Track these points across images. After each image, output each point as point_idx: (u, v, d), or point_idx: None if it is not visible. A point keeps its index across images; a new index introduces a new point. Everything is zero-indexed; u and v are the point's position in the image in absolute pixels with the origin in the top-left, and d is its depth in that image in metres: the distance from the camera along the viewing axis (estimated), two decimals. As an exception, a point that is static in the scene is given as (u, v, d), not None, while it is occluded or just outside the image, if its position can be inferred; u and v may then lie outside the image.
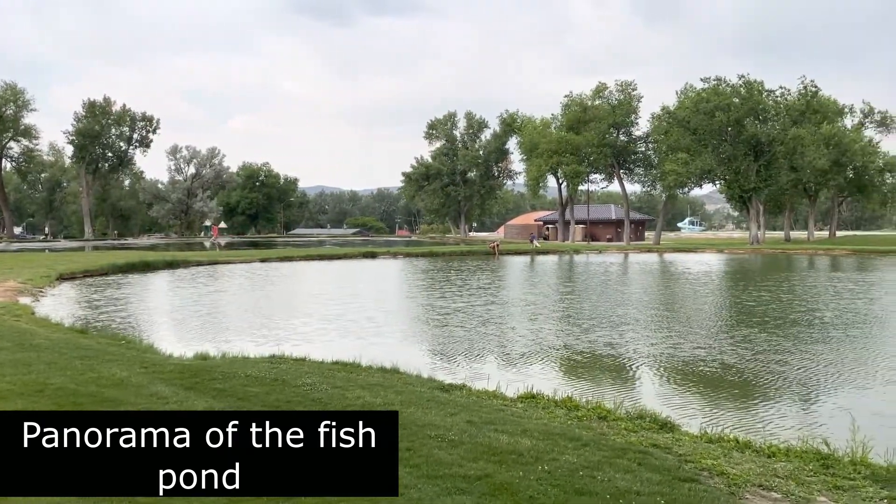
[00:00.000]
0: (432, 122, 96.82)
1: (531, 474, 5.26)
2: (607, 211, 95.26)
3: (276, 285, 29.22)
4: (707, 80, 67.08)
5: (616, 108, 73.62)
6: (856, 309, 20.15)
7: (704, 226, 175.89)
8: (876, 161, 75.62)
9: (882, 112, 78.10)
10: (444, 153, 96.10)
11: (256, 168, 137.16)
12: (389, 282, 32.41)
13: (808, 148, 62.67)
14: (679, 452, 6.21)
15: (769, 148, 64.23)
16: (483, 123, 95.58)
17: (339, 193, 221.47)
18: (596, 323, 17.33)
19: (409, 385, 8.95)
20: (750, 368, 11.85)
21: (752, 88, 65.25)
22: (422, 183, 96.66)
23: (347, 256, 48.24)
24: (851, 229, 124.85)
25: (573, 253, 57.21)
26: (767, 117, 66.30)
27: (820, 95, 70.13)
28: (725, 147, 65.50)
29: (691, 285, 30.16)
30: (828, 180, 71.90)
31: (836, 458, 6.30)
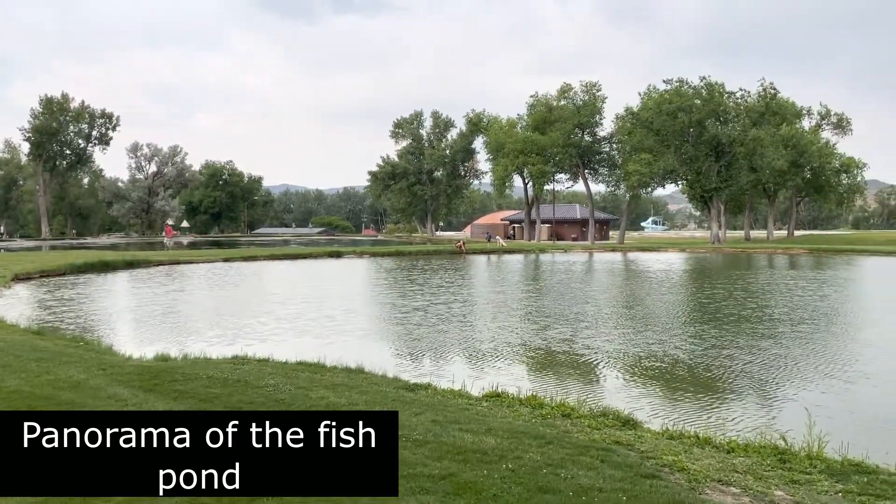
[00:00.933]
0: (398, 121, 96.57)
1: (495, 473, 5.27)
2: (572, 210, 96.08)
3: (239, 285, 28.86)
4: (669, 82, 68.21)
5: (581, 108, 74.25)
6: (809, 306, 20.64)
7: (667, 225, 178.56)
8: (832, 162, 77.51)
9: (838, 114, 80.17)
10: (411, 152, 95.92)
11: (220, 166, 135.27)
12: (355, 281, 32.25)
13: (767, 149, 64.01)
14: (641, 449, 6.29)
15: (730, 149, 65.46)
16: (449, 123, 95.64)
17: (304, 192, 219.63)
18: (560, 321, 17.48)
19: (375, 385, 8.91)
20: (709, 365, 12.06)
21: (712, 90, 66.47)
22: (388, 182, 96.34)
23: (312, 256, 47.86)
24: (809, 229, 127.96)
25: (539, 252, 57.59)
26: (728, 119, 67.56)
27: (779, 97, 71.78)
28: (687, 148, 66.60)
29: (653, 284, 30.58)
30: (786, 181, 73.51)
31: (793, 452, 6.44)
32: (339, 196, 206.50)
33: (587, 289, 27.17)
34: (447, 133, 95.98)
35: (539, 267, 41.49)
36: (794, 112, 75.25)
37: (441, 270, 36.53)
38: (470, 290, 26.48)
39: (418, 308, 20.25)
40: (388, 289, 27.62)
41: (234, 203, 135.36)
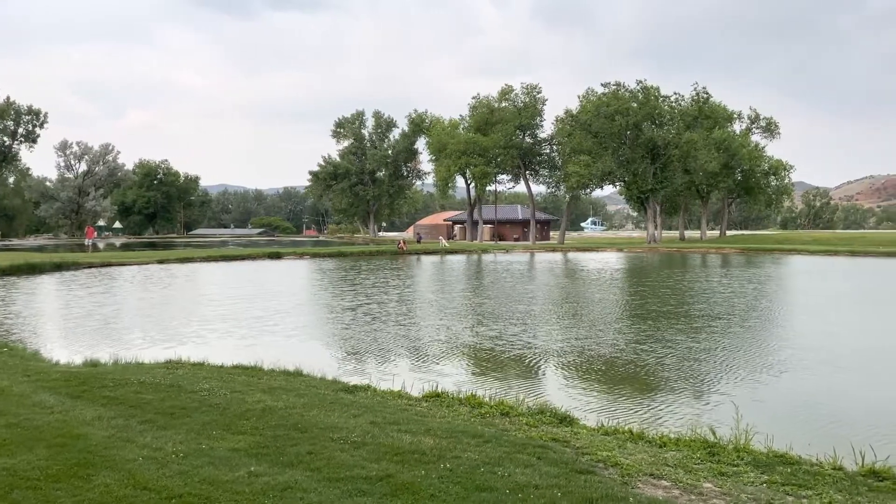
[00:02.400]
0: (340, 121, 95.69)
1: (433, 473, 5.28)
2: (514, 211, 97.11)
3: (174, 287, 28.10)
4: (607, 85, 69.63)
5: (522, 110, 75.09)
6: (739, 303, 21.39)
7: (606, 226, 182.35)
8: (761, 165, 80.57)
9: (767, 118, 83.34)
10: (353, 152, 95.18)
11: (154, 165, 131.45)
12: (295, 282, 31.80)
13: (700, 151, 66.05)
14: (577, 445, 6.39)
15: (665, 151, 67.27)
16: (391, 123, 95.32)
17: (243, 192, 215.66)
18: (500, 320, 17.62)
19: (313, 387, 8.80)
20: (644, 361, 12.35)
21: (648, 94, 68.19)
22: (329, 182, 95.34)
23: (251, 257, 46.99)
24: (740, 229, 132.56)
25: (481, 252, 57.97)
26: (663, 122, 69.41)
27: (711, 101, 74.17)
28: (625, 150, 68.14)
29: (590, 283, 31.14)
30: (718, 182, 76.00)
31: (722, 445, 6.65)
32: (280, 196, 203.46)
33: (527, 288, 27.50)
34: (389, 133, 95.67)
35: (481, 267, 41.77)
36: (725, 116, 77.86)
37: (383, 271, 36.39)
38: (411, 291, 26.46)
39: (357, 308, 20.12)
40: (328, 290, 27.34)
41: (169, 203, 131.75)
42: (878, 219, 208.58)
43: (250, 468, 5.34)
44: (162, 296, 24.66)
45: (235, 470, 5.31)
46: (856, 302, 22.83)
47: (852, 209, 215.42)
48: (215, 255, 47.51)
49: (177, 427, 6.57)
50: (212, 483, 5.03)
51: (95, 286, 27.65)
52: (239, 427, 6.58)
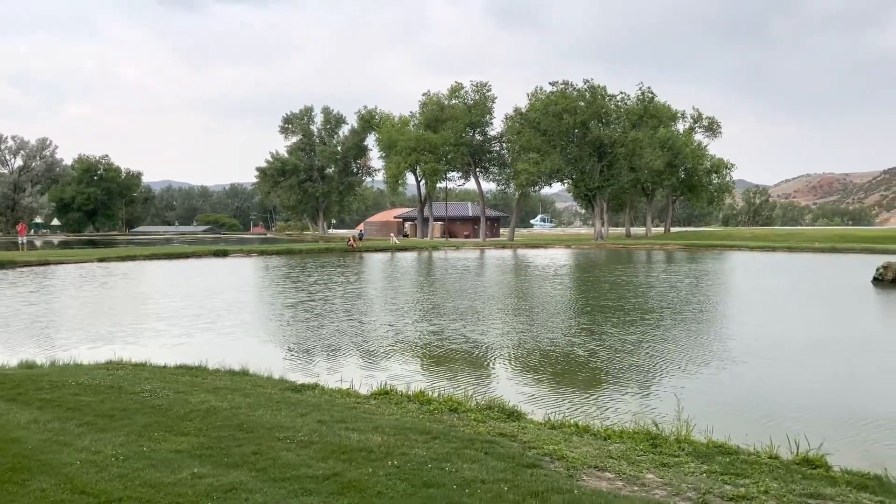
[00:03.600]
0: (288, 116, 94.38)
1: (380, 470, 5.27)
2: (464, 208, 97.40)
3: (115, 286, 27.32)
4: (556, 84, 70.46)
5: (472, 107, 75.34)
6: (683, 298, 21.95)
7: (555, 223, 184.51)
8: (704, 163, 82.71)
9: (709, 118, 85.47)
10: (301, 148, 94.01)
11: (94, 161, 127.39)
12: (242, 280, 31.27)
13: (645, 150, 67.44)
14: (524, 440, 6.46)
15: (611, 149, 68.46)
16: (341, 119, 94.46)
17: (188, 189, 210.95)
18: (449, 316, 17.69)
19: (259, 387, 8.68)
20: (592, 355, 12.56)
21: (595, 93, 69.27)
22: (278, 179, 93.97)
23: (197, 255, 46.02)
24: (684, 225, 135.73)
25: (431, 249, 58.02)
26: (610, 120, 70.62)
27: (656, 101, 75.78)
28: (572, 148, 69.08)
29: (539, 279, 31.51)
30: (663, 180, 77.70)
31: (664, 437, 6.81)
32: (226, 193, 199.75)
33: (477, 284, 27.66)
34: (339, 129, 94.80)
35: (431, 264, 41.81)
36: (669, 115, 79.63)
37: (332, 268, 36.10)
38: (360, 288, 26.32)
39: (305, 306, 19.92)
40: (275, 287, 26.97)
41: (110, 200, 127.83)
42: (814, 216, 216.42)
43: (193, 470, 5.24)
44: (103, 295, 23.95)
45: (178, 472, 5.20)
46: (791, 296, 23.66)
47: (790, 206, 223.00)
48: (159, 252, 46.38)
49: (117, 429, 6.40)
50: (153, 486, 4.92)
51: (32, 285, 26.69)
52: (182, 428, 6.45)
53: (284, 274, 33.08)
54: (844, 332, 15.98)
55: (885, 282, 25.71)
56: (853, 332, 15.98)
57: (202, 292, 24.86)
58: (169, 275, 33.40)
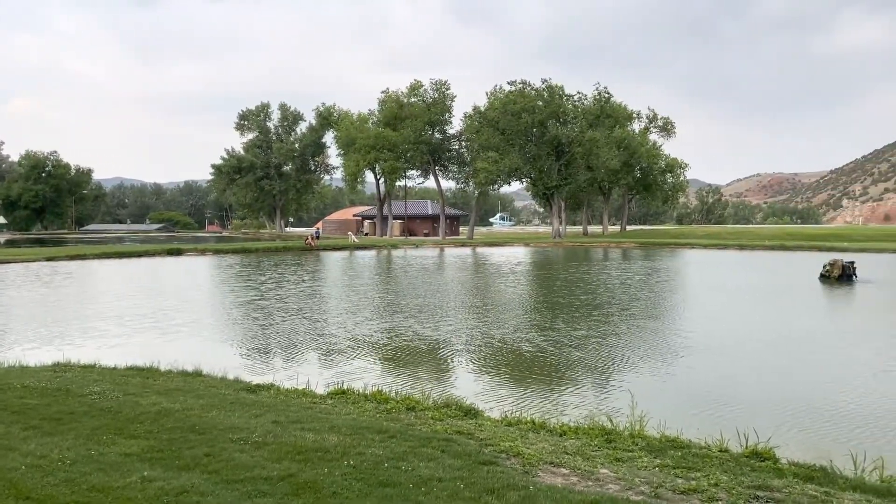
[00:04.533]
0: (244, 113, 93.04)
1: (336, 470, 5.23)
2: (424, 206, 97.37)
3: (63, 286, 26.56)
4: (514, 83, 70.94)
5: (431, 106, 75.35)
6: (638, 295, 22.32)
7: (514, 221, 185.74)
8: (659, 163, 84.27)
9: (664, 118, 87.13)
10: (258, 145, 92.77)
11: (42, 157, 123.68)
12: (196, 280, 30.72)
13: (602, 149, 68.35)
14: (480, 437, 6.48)
15: (569, 149, 69.20)
16: (298, 116, 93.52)
17: (140, 186, 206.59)
18: (407, 314, 17.66)
19: (213, 387, 8.53)
20: (547, 352, 12.67)
21: (553, 93, 69.94)
22: (233, 176, 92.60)
23: (149, 254, 45.06)
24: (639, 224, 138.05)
25: (391, 248, 57.85)
26: (567, 120, 71.35)
27: (612, 101, 76.84)
28: (531, 147, 69.63)
29: (497, 277, 31.69)
30: (619, 179, 78.91)
31: (618, 432, 6.91)
32: (180, 190, 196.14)
33: (434, 283, 27.68)
34: (296, 126, 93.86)
35: (390, 262, 41.69)
36: (625, 115, 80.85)
37: (289, 267, 35.72)
38: (318, 287, 26.10)
39: (260, 306, 19.67)
40: (230, 287, 26.55)
41: (59, 197, 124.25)
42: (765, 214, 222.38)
43: (143, 473, 5.12)
44: (51, 295, 23.25)
45: (127, 476, 5.08)
46: (741, 293, 24.24)
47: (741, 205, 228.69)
48: (110, 251, 45.27)
49: (64, 433, 6.22)
50: (101, 490, 4.80)
51: (-25, 286, 25.77)
52: (132, 431, 6.30)
53: (239, 273, 32.60)
54: (792, 327, 16.44)
55: (832, 279, 26.52)
56: (800, 327, 16.45)
57: (155, 291, 24.34)
58: (120, 274, 32.61)
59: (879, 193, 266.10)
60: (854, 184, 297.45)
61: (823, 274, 27.13)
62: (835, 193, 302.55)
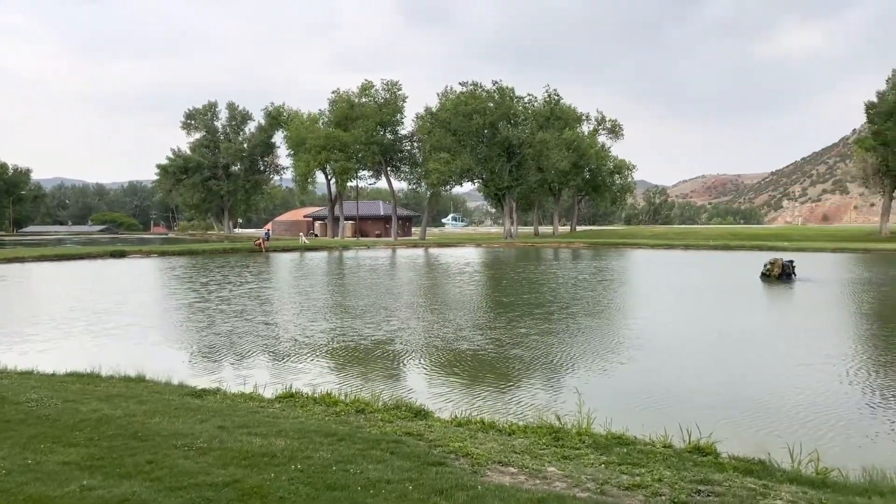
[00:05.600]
0: (190, 112, 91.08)
1: (283, 475, 5.16)
2: (376, 207, 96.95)
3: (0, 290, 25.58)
4: (465, 84, 71.26)
5: (382, 106, 75.08)
6: (583, 295, 22.66)
7: (466, 222, 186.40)
8: (607, 164, 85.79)
9: (612, 120, 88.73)
10: (205, 145, 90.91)
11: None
12: (140, 282, 29.96)
13: (552, 151, 69.20)
14: (430, 438, 6.49)
15: (520, 150, 69.86)
16: (247, 115, 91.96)
17: (82, 186, 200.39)
18: (357, 316, 17.56)
19: (157, 393, 8.34)
20: (497, 352, 12.76)
21: (504, 94, 70.52)
22: (180, 176, 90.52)
23: (91, 256, 43.76)
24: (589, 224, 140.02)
25: (342, 249, 57.43)
26: (518, 122, 72.03)
27: (561, 103, 77.83)
28: (482, 148, 70.05)
29: (448, 277, 31.79)
30: (569, 180, 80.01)
31: (566, 430, 7.01)
32: (124, 191, 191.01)
33: (385, 283, 27.60)
34: (245, 126, 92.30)
35: (341, 264, 41.39)
36: (574, 117, 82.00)
37: (237, 269, 35.13)
38: (266, 289, 25.73)
39: (207, 309, 19.30)
40: (175, 289, 25.97)
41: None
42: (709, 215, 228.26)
43: (83, 482, 4.97)
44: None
45: (66, 485, 4.92)
46: (685, 292, 24.85)
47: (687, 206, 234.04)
48: (49, 254, 43.80)
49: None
50: (38, 500, 4.64)
51: None
52: (71, 439, 6.11)
53: (185, 275, 31.92)
54: (733, 325, 16.92)
55: (772, 277, 27.39)
56: (740, 325, 16.93)
57: (96, 295, 23.65)
58: (60, 277, 31.58)
59: (818, 194, 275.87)
60: (794, 185, 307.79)
61: (764, 273, 27.98)
62: (775, 194, 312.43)
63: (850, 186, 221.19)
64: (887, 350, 13.36)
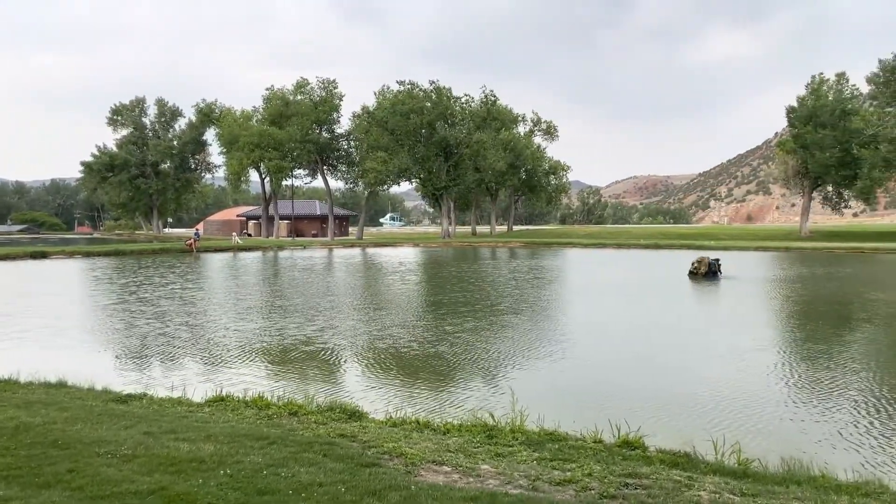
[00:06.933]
0: (117, 108, 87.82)
1: (211, 480, 5.04)
2: (312, 206, 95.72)
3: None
4: (403, 84, 71.10)
5: (318, 104, 74.17)
6: (518, 294, 22.94)
7: (404, 221, 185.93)
8: (543, 165, 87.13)
9: (547, 122, 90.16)
10: (132, 142, 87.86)
11: None
12: (62, 284, 28.76)
13: (489, 151, 69.80)
14: (364, 439, 6.45)
15: (457, 150, 70.19)
16: (177, 112, 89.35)
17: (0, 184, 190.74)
18: (293, 316, 17.31)
19: (79, 399, 8.02)
20: (436, 352, 12.77)
21: (441, 94, 70.68)
22: (105, 174, 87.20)
23: (10, 257, 41.75)
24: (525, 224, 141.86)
25: (277, 249, 56.48)
26: (455, 122, 72.35)
27: (498, 104, 78.55)
28: (420, 148, 70.05)
29: (381, 276, 31.68)
30: (505, 181, 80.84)
31: (499, 428, 7.08)
32: (46, 189, 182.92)
33: (319, 283, 27.29)
34: (174, 123, 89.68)
35: (276, 264, 40.70)
36: (510, 118, 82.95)
37: (166, 270, 34.13)
38: (195, 290, 25.08)
39: (134, 311, 18.68)
40: (100, 291, 25.01)
41: None
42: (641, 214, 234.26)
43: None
44: None
45: (-22, 498, 4.68)
46: (616, 289, 25.45)
47: (620, 206, 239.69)
48: (-36, 255, 41.56)
49: None
50: (-54, 516, 4.40)
51: None
52: (-15, 449, 5.81)
53: (112, 277, 30.81)
54: (662, 321, 17.44)
55: (699, 275, 28.33)
56: (669, 321, 17.47)
57: (14, 297, 22.57)
58: (-24, 279, 30.00)
59: (743, 195, 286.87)
60: (720, 186, 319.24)
61: (692, 271, 28.92)
62: (703, 195, 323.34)
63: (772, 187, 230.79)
64: (805, 343, 14.01)
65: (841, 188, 67.97)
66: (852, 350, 13.28)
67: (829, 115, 64.55)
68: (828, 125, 64.13)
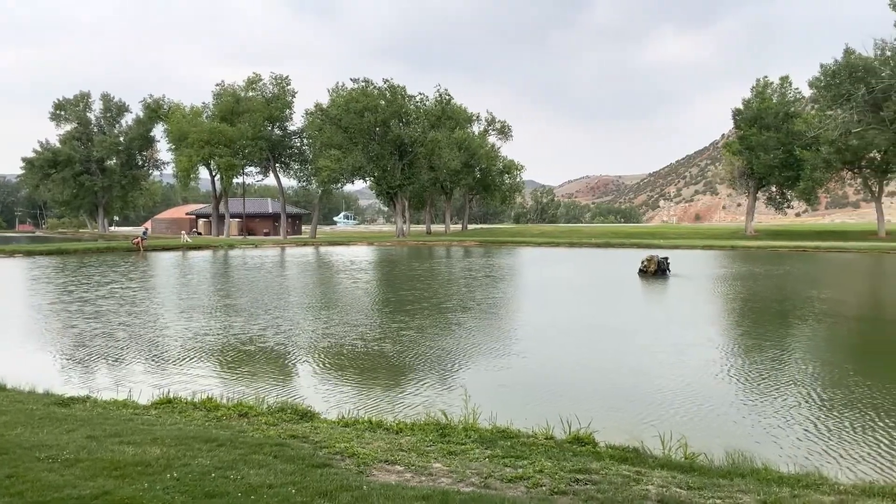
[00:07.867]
0: (60, 102, 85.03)
1: (157, 484, 4.92)
2: (264, 205, 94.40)
3: None
4: (357, 81, 70.67)
5: (271, 101, 73.15)
6: (470, 293, 23.06)
7: (358, 220, 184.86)
8: (497, 164, 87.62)
9: (501, 121, 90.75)
10: (77, 138, 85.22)
11: None
12: (0, 284, 27.75)
13: (443, 150, 69.87)
14: (315, 440, 6.39)
15: (412, 149, 70.09)
16: (123, 107, 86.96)
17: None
18: (243, 317, 17.05)
19: (19, 402, 7.75)
20: (391, 350, 12.75)
21: (395, 92, 70.48)
22: (48, 171, 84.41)
23: (-53, 256, 40.11)
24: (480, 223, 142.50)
25: (227, 248, 55.54)
26: (410, 120, 72.21)
27: (452, 103, 78.71)
28: (374, 146, 69.70)
29: (333, 275, 31.46)
30: (460, 180, 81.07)
31: (452, 426, 7.09)
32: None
33: (271, 282, 26.95)
34: (121, 118, 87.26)
35: (226, 263, 40.02)
36: (465, 117, 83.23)
37: (111, 269, 33.23)
38: (141, 290, 24.49)
39: (76, 312, 18.14)
40: (41, 292, 24.22)
41: None
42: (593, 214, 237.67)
43: (-72, 504, 4.54)
44: None
45: None
46: (567, 287, 25.79)
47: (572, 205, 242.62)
48: None
49: None
50: None
51: None
52: (-85, 457, 5.57)
53: (53, 276, 29.86)
54: (611, 318, 17.74)
55: (648, 273, 28.89)
56: (618, 318, 17.78)
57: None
58: None
59: (691, 195, 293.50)
60: (669, 186, 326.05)
61: (642, 269, 29.47)
62: (653, 195, 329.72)
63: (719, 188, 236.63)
64: (749, 338, 14.42)
65: (784, 189, 70.06)
66: (792, 345, 13.73)
67: (773, 118, 66.57)
68: (772, 127, 66.13)
